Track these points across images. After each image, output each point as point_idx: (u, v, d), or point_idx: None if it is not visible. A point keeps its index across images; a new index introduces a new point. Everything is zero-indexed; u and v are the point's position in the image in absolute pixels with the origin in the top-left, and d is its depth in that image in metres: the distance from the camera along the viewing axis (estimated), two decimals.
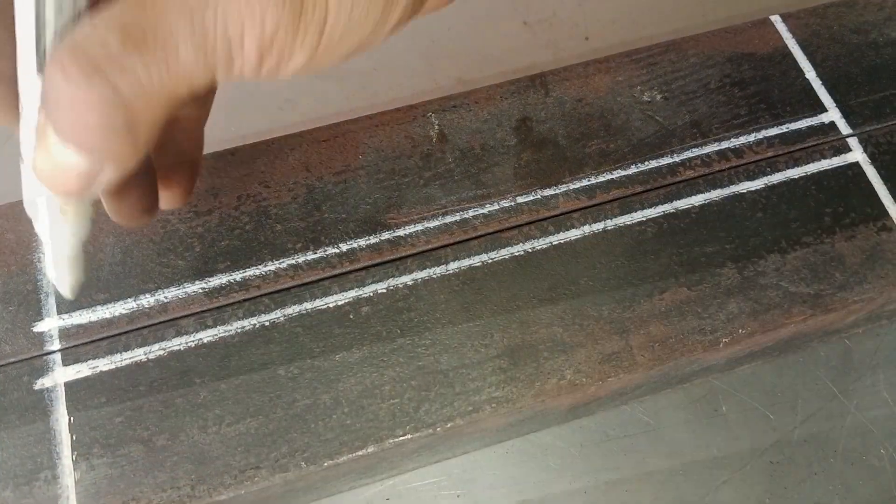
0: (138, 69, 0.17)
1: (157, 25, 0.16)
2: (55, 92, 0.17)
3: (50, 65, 0.17)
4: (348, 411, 0.28)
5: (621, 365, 0.29)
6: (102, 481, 0.26)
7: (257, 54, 0.18)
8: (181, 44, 0.17)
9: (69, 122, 0.17)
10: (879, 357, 0.35)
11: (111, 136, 0.17)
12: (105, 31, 0.16)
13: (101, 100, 0.16)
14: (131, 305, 0.29)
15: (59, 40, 0.17)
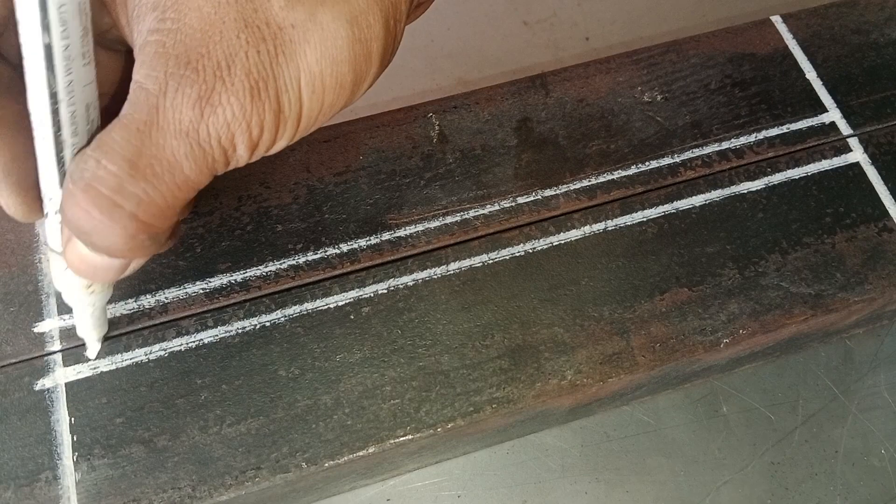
0: (151, 193, 0.19)
1: (160, 152, 0.18)
2: (78, 223, 0.19)
3: (68, 202, 0.19)
4: (349, 412, 0.28)
5: (622, 365, 0.29)
6: (103, 482, 0.26)
7: (248, 153, 0.20)
8: (184, 162, 0.19)
9: (97, 245, 0.19)
10: (880, 357, 0.35)
11: (136, 247, 0.19)
12: (114, 167, 0.18)
13: (123, 227, 0.19)
14: (132, 306, 0.29)
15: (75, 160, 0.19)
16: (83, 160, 0.19)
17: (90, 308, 0.25)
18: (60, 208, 0.19)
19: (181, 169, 0.19)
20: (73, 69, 0.19)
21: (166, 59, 0.18)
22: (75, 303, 0.25)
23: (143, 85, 0.19)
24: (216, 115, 0.19)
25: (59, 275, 0.23)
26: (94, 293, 0.24)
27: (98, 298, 0.25)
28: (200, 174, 0.19)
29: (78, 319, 0.26)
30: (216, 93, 0.18)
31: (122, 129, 0.18)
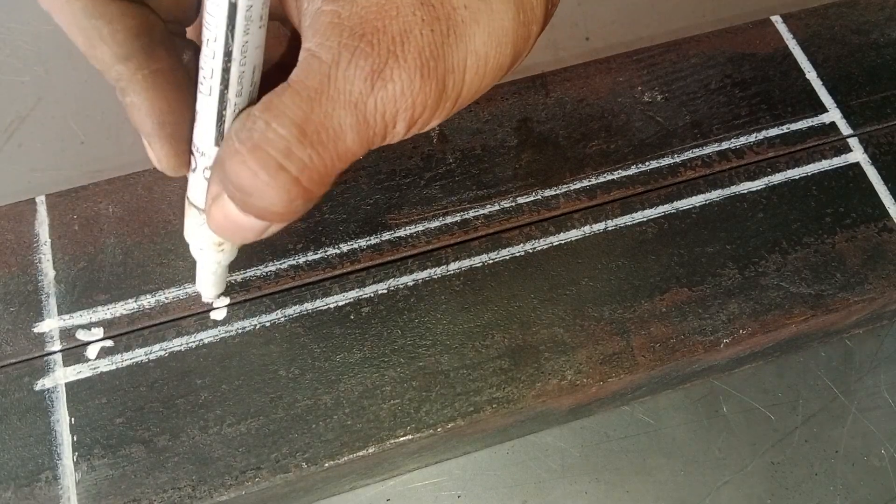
0: (314, 160, 0.19)
1: (327, 120, 0.19)
2: (241, 182, 0.19)
3: (233, 161, 0.19)
4: (349, 412, 0.28)
5: (622, 366, 0.29)
6: (103, 482, 0.26)
7: (406, 130, 0.20)
8: (347, 132, 0.19)
9: (254, 205, 0.19)
10: (880, 357, 0.35)
11: (290, 212, 0.20)
12: (283, 130, 0.19)
13: (286, 191, 0.19)
14: (132, 306, 0.29)
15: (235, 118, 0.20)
16: (251, 121, 0.19)
17: (215, 266, 0.26)
18: (218, 166, 0.20)
19: (344, 139, 0.19)
20: (251, 30, 0.19)
21: (341, 30, 0.19)
22: (203, 259, 0.25)
23: (315, 53, 0.19)
24: (385, 89, 0.19)
25: (192, 230, 0.24)
26: (222, 252, 0.25)
27: (224, 257, 0.25)
28: (360, 146, 0.20)
29: (200, 276, 0.27)
30: (388, 68, 0.19)
31: (293, 94, 0.19)
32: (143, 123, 0.21)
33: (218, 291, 0.28)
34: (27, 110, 0.40)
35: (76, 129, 0.39)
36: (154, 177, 0.32)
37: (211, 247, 0.24)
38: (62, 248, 0.30)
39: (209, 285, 0.27)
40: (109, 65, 0.20)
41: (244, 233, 0.21)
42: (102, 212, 0.31)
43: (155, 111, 0.21)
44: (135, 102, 0.21)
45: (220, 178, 0.20)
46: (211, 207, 0.21)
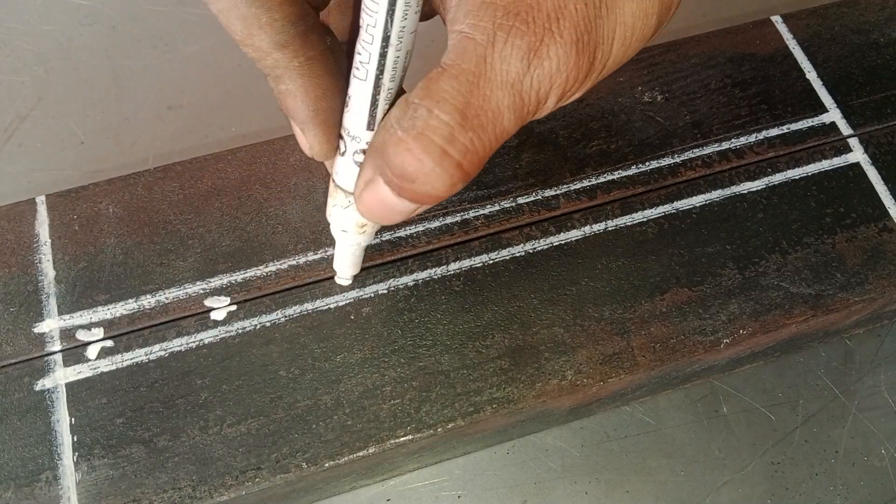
0: (475, 143, 0.19)
1: (487, 103, 0.19)
2: (406, 168, 0.19)
3: (397, 148, 0.19)
4: (349, 412, 0.28)
5: (622, 366, 0.29)
6: (103, 482, 0.26)
7: (555, 104, 0.20)
8: (505, 113, 0.19)
9: (415, 190, 0.20)
10: (881, 358, 0.35)
11: (449, 194, 0.20)
12: (446, 116, 0.19)
13: (449, 175, 0.19)
14: (132, 306, 0.29)
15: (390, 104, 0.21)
16: (412, 108, 0.19)
17: (354, 247, 0.26)
18: (376, 152, 0.20)
19: (502, 120, 0.19)
20: (408, 16, 0.19)
21: (494, 9, 0.19)
22: (344, 240, 0.26)
23: (469, 35, 0.19)
24: (542, 67, 0.19)
25: (337, 212, 0.24)
26: (364, 233, 0.25)
27: (364, 239, 0.26)
28: (516, 125, 0.20)
29: (339, 256, 0.28)
30: (544, 45, 0.19)
31: (450, 78, 0.19)
32: (298, 111, 0.22)
33: (355, 272, 0.29)
34: (27, 110, 0.40)
35: (76, 129, 0.39)
36: (154, 177, 0.32)
37: (354, 228, 0.25)
38: (62, 248, 0.30)
39: (347, 266, 0.28)
40: (266, 52, 0.20)
41: (394, 215, 0.21)
42: (102, 212, 0.31)
43: (310, 98, 0.21)
44: (290, 90, 0.21)
45: (378, 164, 0.20)
46: (363, 191, 0.21)
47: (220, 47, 0.41)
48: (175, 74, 0.41)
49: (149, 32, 0.42)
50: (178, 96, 0.40)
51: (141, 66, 0.41)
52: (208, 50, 0.41)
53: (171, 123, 0.39)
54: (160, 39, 0.42)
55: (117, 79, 0.40)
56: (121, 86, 0.40)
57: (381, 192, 0.21)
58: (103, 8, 0.42)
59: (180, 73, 0.41)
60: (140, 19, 0.42)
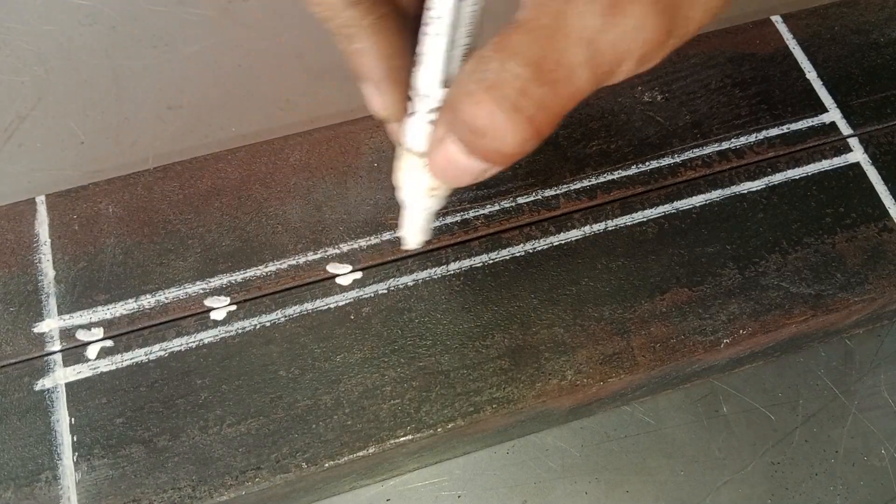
0: (548, 99, 0.19)
1: (562, 58, 0.18)
2: (476, 123, 0.19)
3: (467, 102, 0.19)
4: (349, 412, 0.28)
5: (622, 366, 0.29)
6: (103, 482, 0.26)
7: (632, 69, 0.20)
8: (580, 71, 0.19)
9: (484, 147, 0.19)
10: (881, 357, 0.35)
11: (521, 153, 0.19)
12: (518, 69, 0.18)
13: (521, 130, 0.19)
14: (132, 306, 0.29)
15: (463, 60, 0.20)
16: (485, 62, 0.19)
17: (424, 212, 0.26)
18: (448, 108, 0.20)
19: (576, 77, 0.19)
20: None
21: None
22: (413, 204, 0.25)
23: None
24: (620, 25, 0.18)
25: (407, 174, 0.24)
26: (434, 197, 0.24)
27: (434, 203, 0.25)
28: (591, 85, 0.19)
29: (408, 221, 0.27)
30: (624, 1, 0.18)
31: (525, 33, 0.18)
32: (372, 70, 0.21)
33: (424, 238, 0.28)
34: (27, 110, 0.40)
35: (76, 129, 0.39)
36: (154, 177, 0.32)
37: (424, 192, 0.24)
38: (62, 248, 0.30)
39: (416, 232, 0.27)
40: (339, 10, 0.20)
41: (464, 176, 0.21)
42: (102, 212, 0.31)
43: (384, 56, 0.21)
44: (363, 49, 0.21)
45: (449, 121, 0.20)
46: (434, 150, 0.21)
47: (220, 47, 0.41)
48: (175, 74, 0.41)
49: (149, 32, 0.42)
50: (178, 96, 0.40)
51: (141, 66, 0.41)
52: (208, 50, 0.41)
53: (171, 123, 0.39)
54: (160, 39, 0.42)
55: (117, 79, 0.40)
56: (121, 86, 0.40)
57: (452, 151, 0.20)
58: (103, 8, 0.42)
59: (180, 73, 0.41)
60: (140, 19, 0.42)
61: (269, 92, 0.40)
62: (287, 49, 0.41)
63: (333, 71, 0.41)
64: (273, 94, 0.40)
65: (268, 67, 0.41)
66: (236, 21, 0.42)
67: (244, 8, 0.43)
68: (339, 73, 0.41)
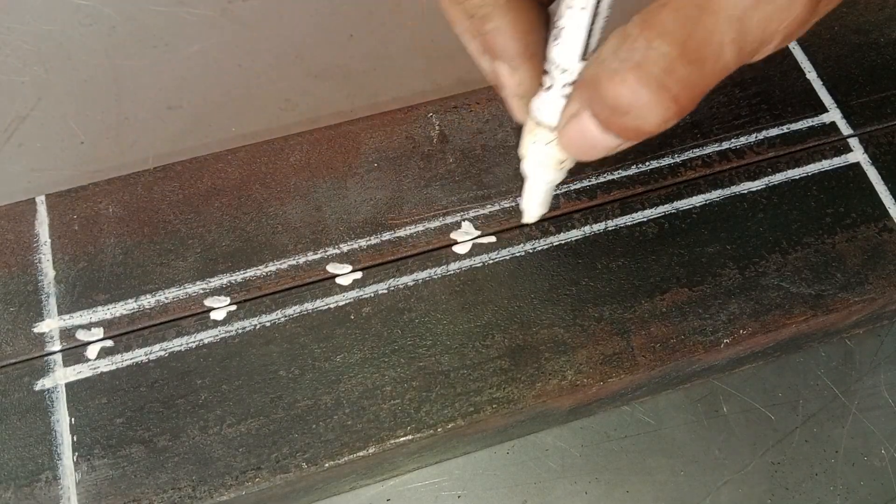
0: (693, 77, 0.19)
1: (709, 36, 0.18)
2: (620, 100, 0.19)
3: (612, 79, 0.19)
4: (349, 412, 0.28)
5: (622, 366, 0.29)
6: (103, 482, 0.26)
7: (776, 47, 0.20)
8: (727, 48, 0.19)
9: (624, 123, 0.20)
10: (881, 357, 0.35)
11: (661, 129, 0.19)
12: (665, 47, 0.18)
13: (664, 108, 0.19)
14: (132, 306, 0.29)
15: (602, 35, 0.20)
16: (630, 40, 0.19)
17: (547, 185, 0.26)
18: (587, 84, 0.20)
19: (722, 55, 0.19)
20: None
21: None
22: (538, 176, 0.26)
23: None
24: (770, 3, 0.18)
25: (535, 147, 0.24)
26: (560, 170, 0.25)
27: (559, 176, 0.25)
28: (734, 63, 0.19)
29: (531, 194, 0.27)
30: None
31: (672, 11, 0.18)
32: (508, 47, 0.21)
33: (543, 211, 0.28)
34: (27, 110, 0.40)
35: (76, 129, 0.39)
36: (154, 177, 0.32)
37: (551, 165, 0.24)
38: (62, 248, 0.30)
39: (537, 204, 0.27)
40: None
41: (596, 151, 0.21)
42: (102, 212, 0.31)
43: (520, 33, 0.21)
44: (499, 27, 0.21)
45: (587, 97, 0.20)
46: (567, 125, 0.21)
47: (220, 47, 0.41)
48: (175, 74, 0.41)
49: (149, 32, 0.42)
50: (178, 96, 0.40)
51: (141, 66, 0.41)
52: (208, 50, 0.41)
53: (171, 123, 0.39)
54: (160, 39, 0.42)
55: (117, 79, 0.40)
56: (121, 86, 0.40)
57: (587, 125, 0.20)
58: (103, 8, 0.42)
59: (180, 73, 0.41)
60: (140, 19, 0.42)
61: (269, 92, 0.40)
62: (287, 49, 0.41)
63: (333, 71, 0.41)
64: (273, 94, 0.40)
65: (268, 67, 0.41)
66: (236, 21, 0.42)
67: (244, 8, 0.43)
68: (339, 73, 0.41)
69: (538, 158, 0.24)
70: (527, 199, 0.27)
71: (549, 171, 0.25)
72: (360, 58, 0.41)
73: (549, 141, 0.23)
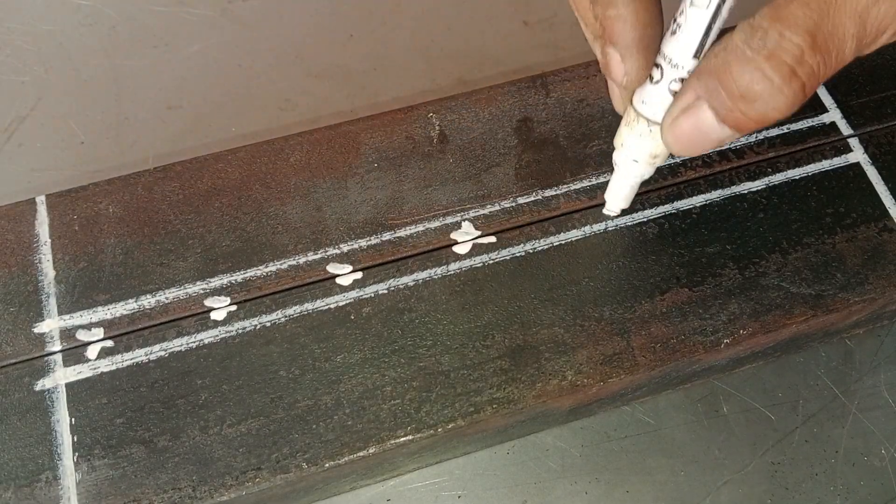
0: (818, 67, 0.20)
1: (835, 30, 0.20)
2: (751, 88, 0.20)
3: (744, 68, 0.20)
4: (349, 412, 0.28)
5: (622, 366, 0.29)
6: (104, 482, 0.26)
7: (886, 41, 0.21)
8: (848, 41, 0.20)
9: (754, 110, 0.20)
10: (881, 357, 0.35)
11: (784, 115, 0.21)
12: (797, 39, 0.19)
13: (792, 96, 0.20)
14: (132, 306, 0.29)
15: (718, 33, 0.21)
16: (762, 31, 0.20)
17: (636, 179, 0.27)
18: (708, 75, 0.21)
19: (845, 48, 0.20)
20: None
21: None
22: (628, 171, 0.26)
23: None
24: (888, 1, 0.19)
25: (633, 140, 0.24)
26: (652, 164, 0.26)
27: (648, 172, 0.26)
28: (852, 55, 0.20)
29: (616, 187, 0.28)
30: None
31: (802, 5, 0.19)
32: (624, 35, 0.22)
33: (626, 206, 0.29)
34: (27, 110, 0.40)
35: (76, 129, 0.39)
36: (154, 177, 0.32)
37: (646, 159, 0.25)
38: (62, 248, 0.30)
39: (622, 198, 0.28)
40: None
41: (705, 143, 0.22)
42: (102, 212, 0.31)
43: (639, 23, 0.22)
44: (621, 15, 0.22)
45: (708, 87, 0.21)
46: (678, 117, 0.22)
47: (220, 47, 0.41)
48: (175, 74, 0.41)
49: (149, 32, 0.42)
50: (178, 96, 0.40)
51: (141, 66, 0.41)
52: (208, 50, 0.41)
53: (171, 123, 0.39)
54: (160, 39, 0.42)
55: (117, 79, 0.40)
56: (121, 86, 0.40)
57: (702, 117, 0.21)
58: (103, 8, 0.42)
59: (180, 73, 0.41)
60: (140, 19, 0.42)
61: (269, 92, 0.40)
62: (287, 49, 0.41)
63: (333, 71, 0.41)
64: (273, 94, 0.40)
65: (268, 67, 0.41)
66: (236, 21, 0.42)
67: (244, 8, 0.43)
68: (339, 73, 0.41)
69: (634, 151, 0.25)
70: (612, 191, 0.28)
71: (641, 165, 0.25)
72: (360, 58, 0.41)
73: (648, 135, 0.24)
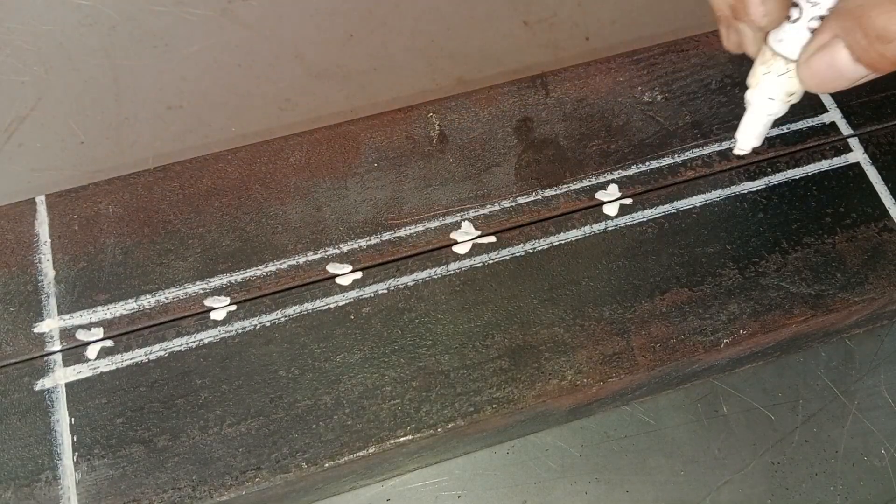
0: None
1: None
2: (888, 27, 0.20)
3: (878, 9, 0.20)
4: (349, 412, 0.28)
5: (622, 366, 0.29)
6: (103, 482, 0.26)
7: None
8: None
9: (882, 52, 0.21)
10: (880, 357, 0.35)
11: None
12: None
13: None
14: (132, 306, 0.29)
15: None
16: None
17: (770, 117, 0.27)
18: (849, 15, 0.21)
19: None
20: None
21: None
22: (764, 108, 0.26)
23: None
24: None
25: (770, 79, 0.25)
26: (786, 103, 0.26)
27: (782, 110, 0.26)
28: None
29: (750, 125, 0.28)
30: None
31: None
32: None
33: (758, 144, 0.29)
34: (27, 110, 0.40)
35: (76, 129, 0.39)
36: (154, 177, 0.32)
37: (781, 97, 0.25)
38: (62, 248, 0.30)
39: (755, 136, 0.28)
40: None
41: (839, 82, 0.22)
42: (102, 212, 0.31)
43: None
44: None
45: (847, 26, 0.21)
46: (813, 55, 0.22)
47: (220, 47, 0.41)
48: (175, 74, 0.41)
49: (149, 32, 0.42)
50: (178, 96, 0.40)
51: (141, 66, 0.41)
52: (208, 50, 0.41)
53: (171, 123, 0.39)
54: (160, 39, 0.42)
55: (117, 79, 0.40)
56: (121, 86, 0.40)
57: (837, 56, 0.22)
58: (103, 8, 0.42)
59: (180, 73, 0.41)
60: (140, 19, 0.42)
61: (269, 92, 0.40)
62: (287, 49, 0.41)
63: (333, 71, 0.41)
64: (273, 94, 0.40)
65: (268, 67, 0.41)
66: (236, 21, 0.42)
67: (244, 8, 0.43)
68: (339, 73, 0.41)
69: (769, 89, 0.25)
70: (744, 129, 0.28)
71: (776, 103, 0.26)
72: (360, 58, 0.41)
73: (784, 73, 0.24)
